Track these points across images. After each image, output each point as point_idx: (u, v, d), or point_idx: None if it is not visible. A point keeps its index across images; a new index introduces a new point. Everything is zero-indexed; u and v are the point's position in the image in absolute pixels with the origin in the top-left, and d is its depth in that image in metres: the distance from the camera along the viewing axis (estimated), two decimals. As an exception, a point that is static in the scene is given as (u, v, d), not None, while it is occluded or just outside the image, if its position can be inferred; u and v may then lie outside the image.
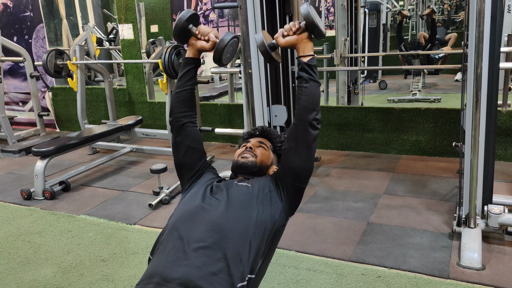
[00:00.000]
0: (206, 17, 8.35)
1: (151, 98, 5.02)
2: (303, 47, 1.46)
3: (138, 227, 2.79)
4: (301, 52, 1.47)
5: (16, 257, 2.47)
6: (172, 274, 1.23)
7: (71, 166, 4.13)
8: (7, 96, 5.77)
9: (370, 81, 7.25)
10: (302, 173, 1.50)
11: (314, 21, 1.42)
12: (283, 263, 2.25)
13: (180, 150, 1.64)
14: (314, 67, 1.46)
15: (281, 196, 1.50)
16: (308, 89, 1.45)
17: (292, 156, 1.48)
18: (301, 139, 1.45)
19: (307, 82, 1.45)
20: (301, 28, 1.46)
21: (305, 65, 1.46)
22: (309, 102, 1.44)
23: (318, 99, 1.47)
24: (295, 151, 1.47)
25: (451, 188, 3.08)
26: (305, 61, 1.46)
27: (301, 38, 1.46)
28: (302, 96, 1.45)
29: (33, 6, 5.41)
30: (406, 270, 2.13)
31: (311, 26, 1.43)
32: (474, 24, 2.08)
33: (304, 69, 1.46)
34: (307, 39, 1.47)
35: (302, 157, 1.47)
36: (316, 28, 1.43)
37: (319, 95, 1.48)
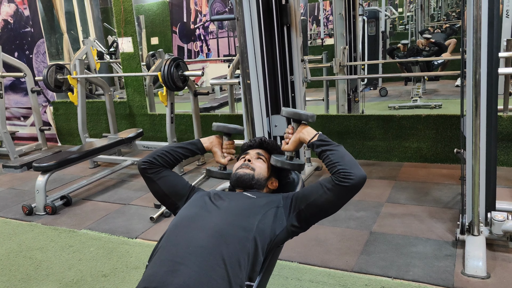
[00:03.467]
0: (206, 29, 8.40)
1: (152, 111, 5.03)
2: (305, 134, 1.49)
3: (139, 241, 2.77)
4: (307, 138, 1.49)
5: (17, 274, 2.46)
6: (170, 278, 1.22)
7: (73, 180, 4.13)
8: (8, 111, 5.80)
9: (371, 88, 7.26)
10: (325, 212, 1.47)
11: (295, 112, 1.52)
12: (285, 275, 2.23)
13: (158, 195, 1.66)
14: (326, 138, 1.47)
15: (289, 216, 1.45)
16: (335, 154, 1.42)
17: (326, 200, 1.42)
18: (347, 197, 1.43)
19: (331, 150, 1.43)
20: (294, 125, 1.54)
21: (317, 141, 1.46)
22: (348, 161, 1.41)
23: (352, 158, 1.43)
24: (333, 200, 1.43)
25: (454, 195, 3.05)
26: (316, 139, 1.47)
27: (299, 131, 1.51)
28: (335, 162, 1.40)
29: (33, 22, 5.45)
30: (410, 280, 2.10)
31: (296, 116, 1.52)
32: (472, 31, 2.08)
33: (319, 145, 1.45)
34: (303, 127, 1.51)
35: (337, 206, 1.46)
36: (302, 115, 1.51)
37: (350, 156, 1.44)
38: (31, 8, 5.41)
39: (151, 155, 1.63)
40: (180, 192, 1.63)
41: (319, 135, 1.48)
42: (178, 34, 8.60)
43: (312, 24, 8.81)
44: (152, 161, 1.61)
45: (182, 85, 3.80)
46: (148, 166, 1.61)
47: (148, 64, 5.99)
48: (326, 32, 8.42)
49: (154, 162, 1.61)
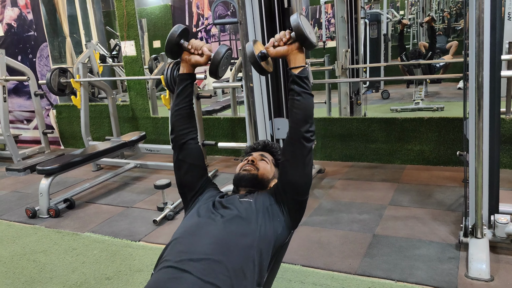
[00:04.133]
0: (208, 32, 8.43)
1: (154, 114, 5.05)
2: (294, 58, 1.44)
3: (142, 244, 2.78)
4: (292, 63, 1.44)
5: (21, 277, 2.46)
6: (174, 286, 1.22)
7: (76, 183, 4.14)
8: (12, 114, 5.82)
9: (373, 91, 7.27)
10: (299, 186, 1.49)
11: (304, 32, 1.39)
12: (288, 278, 2.23)
13: (181, 168, 1.64)
14: (306, 78, 1.43)
15: (282, 210, 1.49)
16: (300, 102, 1.42)
17: (288, 169, 1.47)
18: (296, 152, 1.44)
19: (298, 94, 1.42)
20: (292, 38, 1.43)
21: (296, 77, 1.43)
22: (301, 115, 1.42)
23: (311, 112, 1.44)
24: (291, 164, 1.46)
25: (457, 198, 3.05)
26: (296, 73, 1.43)
27: (292, 49, 1.44)
28: (294, 109, 1.43)
29: (36, 26, 5.48)
30: (414, 282, 2.10)
31: (301, 37, 1.40)
32: (474, 34, 2.09)
33: (295, 81, 1.43)
34: (297, 49, 1.44)
35: (298, 170, 1.46)
36: (306, 40, 1.40)
37: (312, 108, 1.44)
38: (34, 12, 5.44)
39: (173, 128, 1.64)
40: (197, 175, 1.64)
41: (302, 69, 1.43)
42: (180, 37, 8.61)
43: (313, 27, 8.83)
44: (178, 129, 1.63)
45: (185, 88, 3.80)
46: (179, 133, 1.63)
47: (150, 67, 6.01)
48: (328, 35, 8.43)
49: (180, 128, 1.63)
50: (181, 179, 1.65)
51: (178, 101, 1.63)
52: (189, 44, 1.58)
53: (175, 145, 1.65)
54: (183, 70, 1.62)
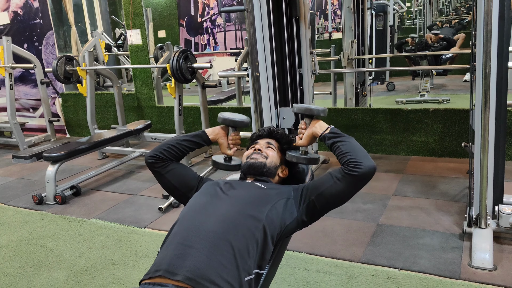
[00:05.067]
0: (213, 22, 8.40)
1: (160, 103, 5.06)
2: (317, 128, 1.52)
3: (148, 231, 2.81)
4: (319, 131, 1.51)
5: (28, 261, 2.50)
6: (180, 262, 1.24)
7: (82, 171, 4.17)
8: (18, 102, 5.85)
9: (378, 83, 7.24)
10: (334, 205, 1.49)
11: (307, 107, 1.55)
12: (293, 264, 2.25)
13: (172, 189, 1.66)
14: (337, 130, 1.50)
15: (299, 207, 1.47)
16: (346, 145, 1.44)
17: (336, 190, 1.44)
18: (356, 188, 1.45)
19: (342, 141, 1.46)
20: (307, 121, 1.56)
21: (328, 134, 1.49)
22: (358, 152, 1.42)
23: (361, 148, 1.45)
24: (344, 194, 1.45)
25: (461, 189, 3.06)
26: (327, 132, 1.50)
27: (311, 126, 1.53)
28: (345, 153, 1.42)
29: (42, 14, 5.48)
30: (417, 271, 2.12)
31: (308, 111, 1.54)
32: (482, 24, 2.08)
33: (330, 137, 1.48)
34: (315, 121, 1.54)
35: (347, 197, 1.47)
36: (313, 110, 1.53)
37: (358, 145, 1.46)
38: (40, 0, 5.44)
39: (157, 149, 1.63)
40: (189, 183, 1.65)
41: (331, 128, 1.50)
42: (185, 27, 8.59)
43: (319, 18, 8.78)
44: (158, 155, 1.62)
45: (191, 77, 3.82)
46: (154, 161, 1.62)
47: (156, 56, 6.01)
48: (334, 26, 8.39)
49: (161, 156, 1.62)
50: (175, 195, 1.69)
51: (183, 144, 1.64)
52: (235, 133, 1.68)
53: (153, 169, 1.64)
54: (210, 134, 1.67)
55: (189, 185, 1.65)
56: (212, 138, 1.68)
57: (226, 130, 1.69)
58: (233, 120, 1.65)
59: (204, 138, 1.67)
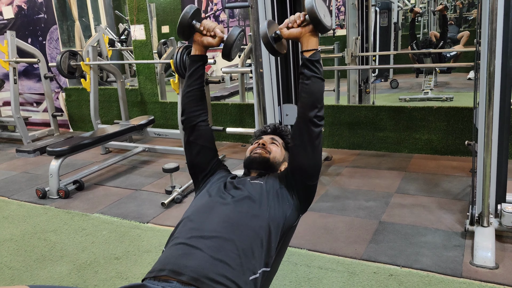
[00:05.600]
0: (217, 18, 8.38)
1: (163, 98, 5.07)
2: (306, 41, 1.42)
3: (151, 226, 2.82)
4: (304, 46, 1.43)
5: (32, 255, 2.52)
6: (185, 262, 1.25)
7: (85, 165, 4.18)
8: (21, 97, 5.87)
9: (382, 80, 7.22)
10: (309, 170, 1.49)
11: (318, 16, 1.36)
12: (294, 261, 2.26)
13: (192, 149, 1.65)
14: (317, 62, 1.42)
15: (292, 194, 1.51)
16: (309, 86, 1.42)
17: (297, 153, 1.48)
18: (304, 137, 1.44)
19: (308, 78, 1.42)
20: (306, 21, 1.41)
21: (307, 60, 1.42)
22: (310, 99, 1.41)
23: (321, 96, 1.43)
24: (300, 148, 1.47)
25: (463, 187, 3.06)
26: (308, 56, 1.41)
27: (305, 31, 1.42)
28: (303, 93, 1.42)
29: (46, 8, 5.49)
30: (418, 268, 2.12)
31: (314, 20, 1.37)
32: (487, 22, 2.07)
33: (306, 65, 1.42)
34: (310, 32, 1.42)
35: (307, 154, 1.46)
36: (320, 23, 1.37)
37: (321, 92, 1.43)
38: (45, -5, 5.45)
39: (184, 110, 1.63)
40: (208, 156, 1.66)
41: (314, 53, 1.42)
42: (189, 22, 8.57)
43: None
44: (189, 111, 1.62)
45: (194, 73, 3.81)
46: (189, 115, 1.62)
47: (159, 52, 6.01)
48: (338, 23, 8.36)
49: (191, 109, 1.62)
50: (192, 160, 1.67)
51: (189, 83, 1.62)
52: (201, 25, 1.56)
53: (185, 126, 1.65)
54: (194, 52, 1.61)
55: (207, 157, 1.65)
56: (198, 51, 1.60)
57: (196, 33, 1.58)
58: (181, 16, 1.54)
59: (195, 58, 1.61)
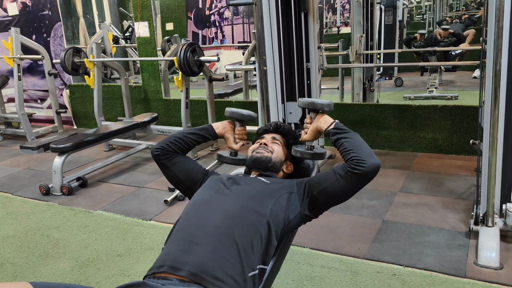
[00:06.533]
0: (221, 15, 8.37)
1: (167, 96, 5.06)
2: (322, 123, 1.50)
3: (153, 223, 2.82)
4: (324, 126, 1.49)
5: (35, 251, 2.52)
6: (184, 257, 1.25)
7: (88, 162, 4.19)
8: (26, 93, 5.88)
9: (386, 78, 7.18)
10: (337, 201, 1.48)
11: (311, 101, 1.53)
12: (297, 260, 2.25)
13: (178, 182, 1.67)
14: (342, 126, 1.47)
15: (302, 202, 1.47)
16: (350, 141, 1.42)
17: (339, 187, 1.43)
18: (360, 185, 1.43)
19: (345, 138, 1.44)
20: (312, 115, 1.54)
21: (333, 130, 1.47)
22: (362, 149, 1.40)
23: (365, 145, 1.43)
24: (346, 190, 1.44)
25: (468, 187, 3.04)
26: (332, 127, 1.47)
27: (316, 120, 1.51)
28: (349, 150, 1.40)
29: (51, 5, 5.49)
30: (422, 268, 2.11)
31: (312, 106, 1.52)
32: (493, 20, 2.05)
33: (335, 133, 1.46)
34: (320, 116, 1.52)
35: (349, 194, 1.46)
36: (317, 104, 1.51)
37: (363, 141, 1.44)
38: (49, -9, 5.45)
39: (163, 142, 1.64)
40: (194, 177, 1.65)
41: (335, 123, 1.48)
42: (193, 20, 8.57)
43: (328, 12, 8.72)
44: (164, 148, 1.62)
45: (198, 70, 3.81)
46: (161, 153, 1.62)
47: (163, 49, 6.00)
48: (342, 21, 8.34)
49: (167, 149, 1.62)
50: (180, 188, 1.69)
51: (190, 138, 1.65)
52: (241, 129, 1.69)
53: (158, 161, 1.65)
54: (216, 128, 1.68)
55: (194, 178, 1.65)
56: (219, 132, 1.68)
57: (233, 124, 1.69)
58: (240, 113, 1.66)
59: (211, 132, 1.67)
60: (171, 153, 1.63)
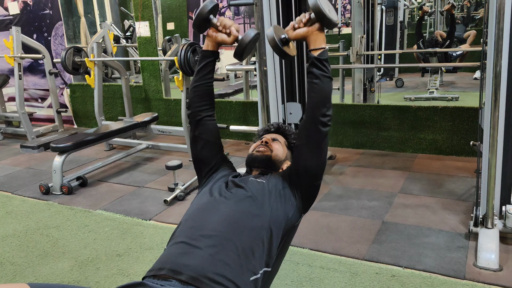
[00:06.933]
0: (222, 15, 8.36)
1: (167, 95, 5.06)
2: (314, 40, 1.41)
3: (153, 223, 2.82)
4: (312, 45, 1.41)
5: (34, 250, 2.52)
6: (184, 262, 1.25)
7: (88, 162, 4.19)
8: (26, 92, 5.88)
9: (387, 79, 7.18)
10: (313, 170, 1.49)
11: (322, 10, 1.35)
12: (296, 260, 2.25)
13: (198, 144, 1.64)
14: (326, 61, 1.41)
15: (295, 193, 1.50)
16: (318, 85, 1.40)
17: (303, 153, 1.47)
18: (311, 136, 1.44)
19: (317, 77, 1.40)
20: (312, 19, 1.40)
21: (315, 59, 1.40)
22: (319, 98, 1.40)
23: (329, 96, 1.42)
24: (306, 148, 1.46)
25: (468, 188, 3.03)
26: (316, 55, 1.40)
27: (312, 30, 1.41)
28: (312, 92, 1.41)
29: (52, 4, 5.49)
30: (421, 269, 2.11)
31: (319, 15, 1.36)
32: (494, 21, 2.05)
33: (314, 64, 1.41)
34: (318, 30, 1.41)
35: (313, 154, 1.46)
36: (325, 18, 1.36)
37: (330, 91, 1.42)
38: (50, -9, 5.45)
39: (191, 104, 1.61)
40: (212, 151, 1.64)
41: (322, 52, 1.41)
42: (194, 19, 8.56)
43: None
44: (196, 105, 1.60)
45: (198, 70, 3.80)
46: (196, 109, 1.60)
47: (164, 49, 6.00)
48: (343, 21, 8.32)
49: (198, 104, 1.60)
50: (197, 154, 1.66)
51: (198, 77, 1.61)
52: (218, 21, 1.54)
53: (191, 121, 1.64)
54: (207, 47, 1.59)
55: (211, 152, 1.64)
56: (211, 46, 1.58)
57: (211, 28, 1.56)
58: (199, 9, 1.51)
59: (207, 53, 1.60)
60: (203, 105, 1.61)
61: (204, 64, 1.60)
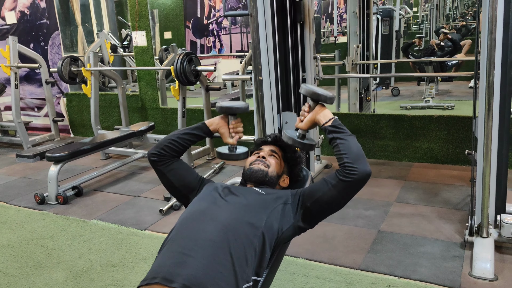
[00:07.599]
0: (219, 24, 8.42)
1: (164, 104, 5.07)
2: (321, 117, 1.47)
3: (148, 233, 2.80)
4: (322, 120, 1.46)
5: (28, 261, 2.51)
6: (178, 270, 1.23)
7: (84, 171, 4.18)
8: (23, 101, 5.88)
9: (383, 88, 7.22)
10: (331, 211, 1.47)
11: (315, 91, 1.46)
12: (292, 270, 2.24)
13: (173, 188, 1.65)
14: (341, 124, 1.45)
15: (296, 213, 1.47)
16: (345, 144, 1.41)
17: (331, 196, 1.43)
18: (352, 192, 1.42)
19: (341, 138, 1.42)
20: (311, 105, 1.49)
21: (330, 127, 1.44)
22: (355, 154, 1.40)
23: (361, 151, 1.42)
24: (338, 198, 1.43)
25: (463, 197, 3.04)
26: (330, 124, 1.45)
27: (316, 111, 1.48)
28: (342, 154, 1.40)
29: (49, 14, 5.52)
30: (417, 279, 2.10)
31: (315, 96, 1.46)
32: (486, 32, 2.07)
33: (333, 131, 1.44)
34: (320, 108, 1.48)
35: (341, 203, 1.45)
36: (321, 96, 1.45)
37: (359, 148, 1.43)
38: (47, 0, 5.47)
39: (159, 146, 1.61)
40: (191, 185, 1.63)
41: (334, 120, 1.45)
42: (191, 29, 8.61)
43: (325, 21, 8.78)
44: (160, 152, 1.60)
45: (195, 79, 3.83)
46: (157, 159, 1.60)
47: (161, 58, 6.01)
48: (340, 30, 8.38)
49: (163, 153, 1.60)
50: (176, 195, 1.68)
51: (184, 138, 1.62)
52: (236, 121, 1.63)
53: (155, 167, 1.63)
54: (210, 125, 1.64)
55: (190, 186, 1.63)
56: (213, 129, 1.64)
57: (226, 119, 1.64)
58: (230, 107, 1.60)
59: (205, 130, 1.64)
60: (167, 157, 1.61)
61: (196, 134, 1.64)
